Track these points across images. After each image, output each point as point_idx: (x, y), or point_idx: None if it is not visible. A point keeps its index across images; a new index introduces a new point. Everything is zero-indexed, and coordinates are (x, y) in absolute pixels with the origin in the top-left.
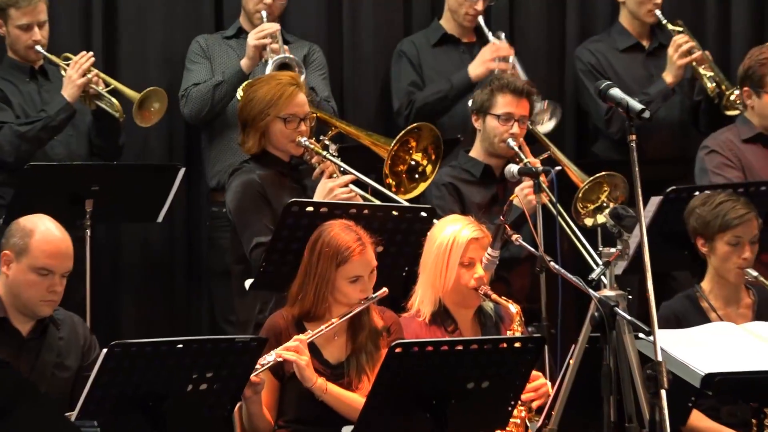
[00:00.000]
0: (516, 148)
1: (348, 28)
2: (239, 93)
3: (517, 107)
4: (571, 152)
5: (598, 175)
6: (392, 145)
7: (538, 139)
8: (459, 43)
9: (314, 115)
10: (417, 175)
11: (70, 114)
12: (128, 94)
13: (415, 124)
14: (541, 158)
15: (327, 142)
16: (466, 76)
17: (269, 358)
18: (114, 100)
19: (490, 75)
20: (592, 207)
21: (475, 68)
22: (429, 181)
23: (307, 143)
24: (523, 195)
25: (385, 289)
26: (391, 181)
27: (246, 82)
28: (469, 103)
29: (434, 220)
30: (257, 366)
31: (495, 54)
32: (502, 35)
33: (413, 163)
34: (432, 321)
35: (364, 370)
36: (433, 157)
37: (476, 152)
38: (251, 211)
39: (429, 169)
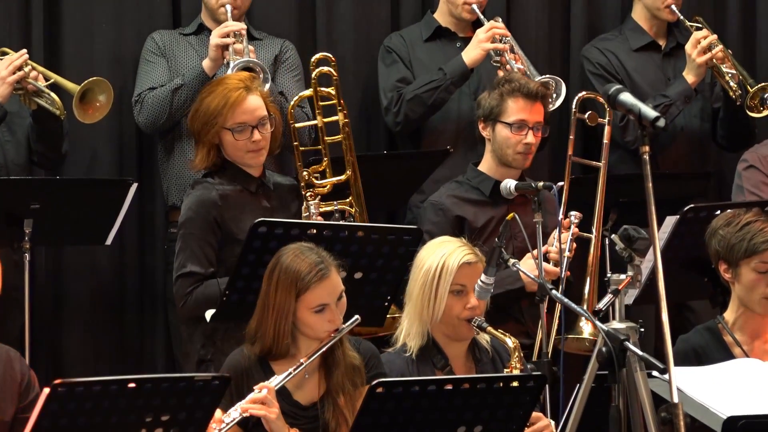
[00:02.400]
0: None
1: (322, 24)
2: None
3: (531, 113)
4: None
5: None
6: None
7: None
8: (455, 37)
9: (274, 118)
10: None
11: (0, 115)
12: (70, 88)
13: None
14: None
15: (337, 215)
16: (460, 62)
17: (234, 414)
18: (55, 96)
19: (487, 60)
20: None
21: (470, 52)
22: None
23: (312, 208)
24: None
25: (357, 317)
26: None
27: None
28: (477, 108)
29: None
30: (219, 425)
31: (491, 33)
32: (499, 19)
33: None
34: (420, 357)
35: (342, 412)
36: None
37: (486, 165)
38: (196, 237)
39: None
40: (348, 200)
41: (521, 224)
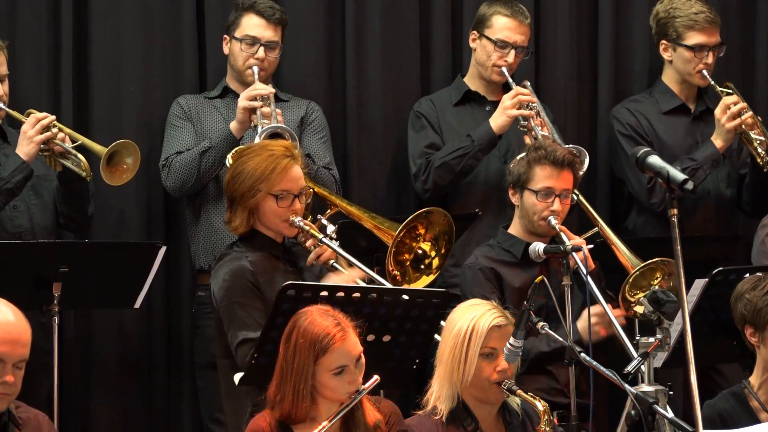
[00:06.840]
0: (557, 228)
1: (353, 87)
2: (228, 160)
3: (557, 180)
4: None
5: (650, 261)
6: (397, 232)
7: (586, 213)
8: (485, 101)
9: (311, 190)
10: (422, 266)
11: (26, 174)
12: (97, 150)
13: (424, 209)
14: (586, 236)
15: (324, 222)
16: (488, 129)
17: None
18: (81, 157)
19: (515, 124)
20: (641, 295)
21: (497, 119)
22: (432, 278)
23: (301, 224)
24: (583, 327)
25: (376, 377)
26: (395, 272)
27: (235, 150)
28: (507, 175)
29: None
30: None
31: (516, 100)
32: (528, 84)
33: (420, 252)
34: (450, 420)
35: None
36: (443, 250)
37: (515, 229)
38: (240, 304)
39: (435, 263)
40: (328, 211)
41: (549, 287)
